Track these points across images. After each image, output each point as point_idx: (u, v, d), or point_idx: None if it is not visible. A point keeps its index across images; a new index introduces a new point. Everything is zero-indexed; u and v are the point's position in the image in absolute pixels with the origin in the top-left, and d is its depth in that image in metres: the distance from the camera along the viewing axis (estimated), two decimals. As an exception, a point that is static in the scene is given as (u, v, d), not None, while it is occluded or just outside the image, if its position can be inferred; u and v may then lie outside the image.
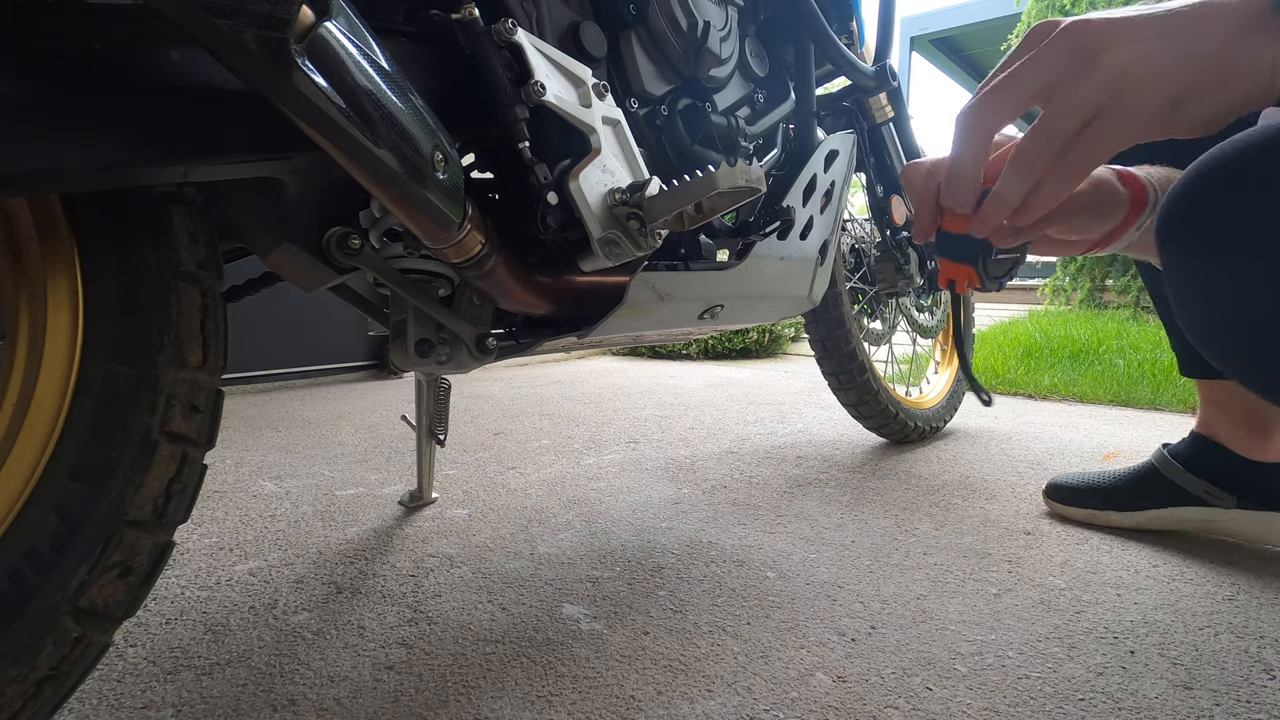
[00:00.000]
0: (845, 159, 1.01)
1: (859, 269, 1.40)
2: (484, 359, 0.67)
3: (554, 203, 0.60)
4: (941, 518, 1.02)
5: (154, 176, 0.43)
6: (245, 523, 0.99)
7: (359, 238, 0.55)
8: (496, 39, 0.57)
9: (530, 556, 0.87)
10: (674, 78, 0.78)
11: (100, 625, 0.43)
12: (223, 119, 0.44)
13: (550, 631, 0.69)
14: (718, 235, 0.85)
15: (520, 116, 0.58)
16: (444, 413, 1.02)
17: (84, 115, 0.39)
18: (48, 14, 0.37)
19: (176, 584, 0.79)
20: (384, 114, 0.44)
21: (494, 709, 0.57)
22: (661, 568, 0.84)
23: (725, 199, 0.62)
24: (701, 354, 2.98)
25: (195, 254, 0.47)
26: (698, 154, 0.77)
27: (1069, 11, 4.46)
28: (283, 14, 0.37)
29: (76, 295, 0.43)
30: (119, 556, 0.43)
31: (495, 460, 1.33)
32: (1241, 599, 0.76)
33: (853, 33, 1.13)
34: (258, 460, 1.32)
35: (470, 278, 0.59)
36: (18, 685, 0.41)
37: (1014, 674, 0.62)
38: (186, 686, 0.60)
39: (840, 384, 1.34)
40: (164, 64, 0.41)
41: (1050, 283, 5.24)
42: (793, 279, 0.94)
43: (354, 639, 0.68)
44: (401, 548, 0.90)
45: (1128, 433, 1.56)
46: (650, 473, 1.25)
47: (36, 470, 0.42)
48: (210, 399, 0.47)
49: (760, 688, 0.60)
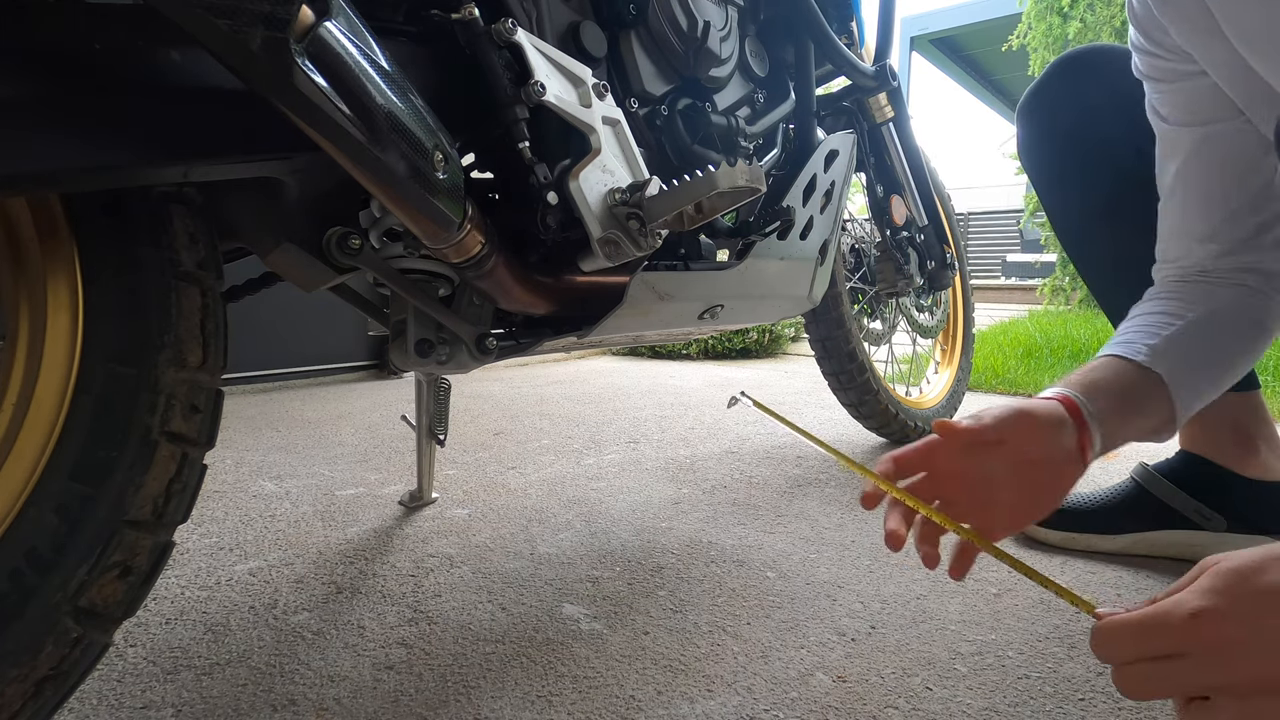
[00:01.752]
0: (845, 159, 1.01)
1: (859, 269, 1.40)
2: (484, 359, 0.67)
3: (554, 203, 0.60)
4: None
5: (154, 176, 0.43)
6: (245, 523, 0.99)
7: (359, 238, 0.55)
8: (496, 39, 0.57)
9: (530, 556, 0.87)
10: (674, 78, 0.78)
11: (100, 625, 0.43)
12: (223, 119, 0.44)
13: (550, 631, 0.69)
14: (718, 235, 0.85)
15: (520, 116, 0.58)
16: (444, 413, 1.02)
17: (84, 115, 0.39)
18: (48, 14, 0.37)
19: (176, 584, 0.79)
20: (384, 114, 0.44)
21: (494, 709, 0.57)
22: (661, 568, 0.84)
23: (725, 199, 0.62)
24: (701, 354, 2.98)
25: (195, 254, 0.47)
26: (698, 154, 0.77)
27: (1068, 13, 4.45)
28: (283, 14, 0.37)
29: (76, 295, 0.43)
30: (119, 556, 0.43)
31: (495, 460, 1.33)
32: (1241, 599, 0.76)
33: (853, 33, 1.13)
34: (258, 460, 1.32)
35: (470, 278, 0.59)
36: (18, 685, 0.41)
37: (1014, 674, 0.62)
38: (186, 686, 0.60)
39: (840, 384, 1.34)
40: (164, 64, 0.41)
41: (1050, 283, 5.24)
42: (793, 279, 0.94)
43: (354, 639, 0.68)
44: (401, 548, 0.90)
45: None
46: (650, 473, 1.25)
47: (36, 470, 0.42)
48: (210, 399, 0.47)
49: (760, 688, 0.60)
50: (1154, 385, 0.59)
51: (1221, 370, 0.64)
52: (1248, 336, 0.65)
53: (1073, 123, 0.86)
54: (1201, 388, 0.62)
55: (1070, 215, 0.93)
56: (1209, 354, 0.63)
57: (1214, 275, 0.67)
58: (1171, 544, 0.87)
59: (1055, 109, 0.89)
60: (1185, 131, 0.67)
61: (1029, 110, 0.92)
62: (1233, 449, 0.85)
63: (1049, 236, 5.15)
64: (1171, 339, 0.62)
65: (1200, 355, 0.62)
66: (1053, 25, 4.52)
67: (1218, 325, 0.64)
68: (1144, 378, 0.59)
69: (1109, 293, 0.90)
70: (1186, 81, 0.66)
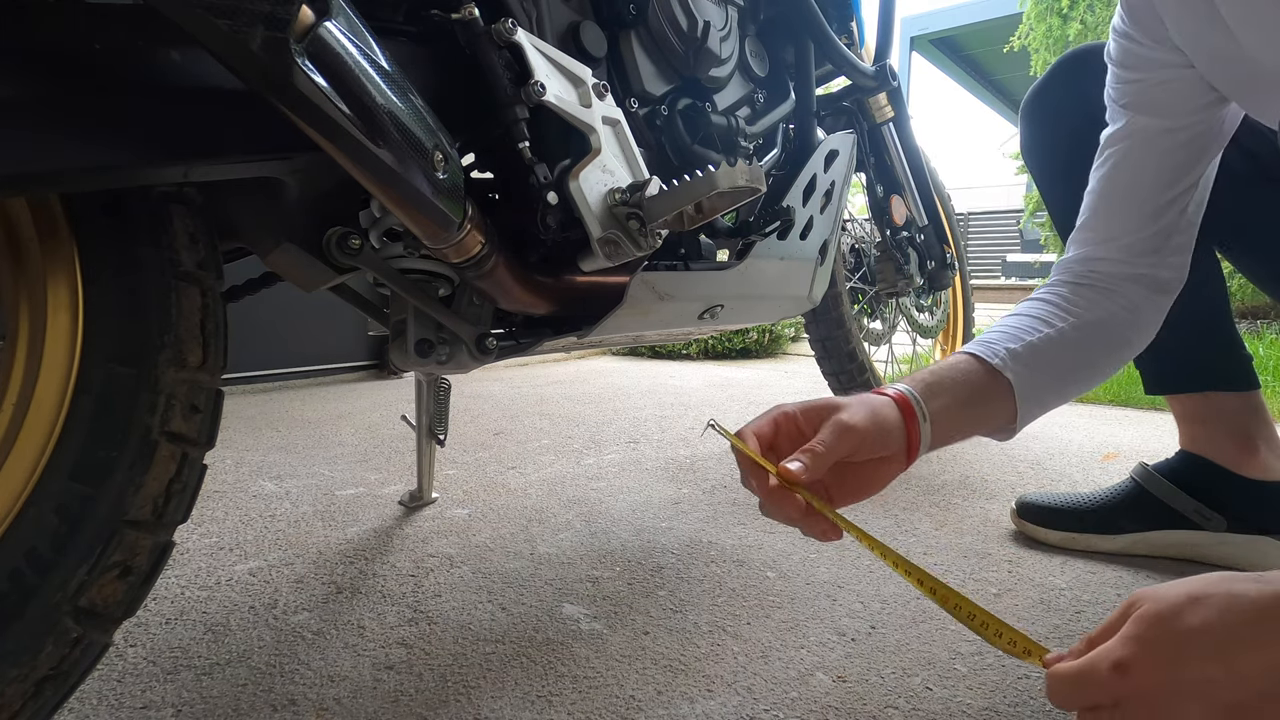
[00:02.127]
0: (845, 159, 1.01)
1: (859, 269, 1.40)
2: (484, 359, 0.67)
3: (554, 203, 0.60)
4: (941, 518, 1.02)
5: (154, 176, 0.43)
6: (245, 523, 0.99)
7: (359, 238, 0.55)
8: (496, 39, 0.57)
9: (530, 556, 0.87)
10: (674, 78, 0.78)
11: (100, 625, 0.43)
12: (223, 119, 0.44)
13: (550, 631, 0.69)
14: (718, 235, 0.85)
15: (520, 116, 0.58)
16: (444, 413, 1.02)
17: (84, 115, 0.39)
18: (48, 14, 0.37)
19: (176, 584, 0.79)
20: (384, 114, 0.44)
21: (494, 709, 0.57)
22: (661, 568, 0.84)
23: (725, 199, 0.62)
24: (701, 354, 2.98)
25: (195, 254, 0.47)
26: (698, 154, 0.77)
27: (1068, 14, 4.45)
28: (283, 14, 0.37)
29: (76, 295, 0.43)
30: (119, 556, 0.43)
31: (495, 460, 1.33)
32: (1241, 599, 0.76)
33: (853, 33, 1.13)
34: (258, 460, 1.32)
35: (470, 278, 0.59)
36: (18, 685, 0.41)
37: (1014, 674, 0.62)
38: (186, 686, 0.60)
39: (840, 384, 1.34)
40: (164, 64, 0.41)
41: (1050, 283, 5.22)
42: (793, 279, 0.94)
43: (354, 639, 0.68)
44: (401, 548, 0.90)
45: (1128, 433, 1.56)
46: (650, 473, 1.25)
47: (36, 470, 0.42)
48: (210, 399, 0.47)
49: (760, 688, 0.60)
50: (1002, 390, 0.61)
51: (1074, 386, 0.66)
52: (1111, 357, 0.68)
53: (1076, 122, 0.86)
54: (1047, 400, 0.64)
55: (1073, 214, 0.93)
56: (1066, 370, 0.65)
57: (1103, 283, 0.68)
58: (1171, 544, 0.87)
59: (1059, 108, 0.89)
60: (1127, 126, 0.68)
61: (1032, 110, 0.92)
62: (1233, 449, 0.85)
63: (1049, 236, 5.14)
64: (1034, 346, 0.63)
65: (1056, 369, 0.64)
66: (1053, 26, 4.52)
67: (1084, 343, 0.66)
68: (993, 381, 0.61)
69: None
70: (1157, 73, 0.66)
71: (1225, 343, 0.87)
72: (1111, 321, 0.67)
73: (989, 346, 0.63)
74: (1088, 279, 0.69)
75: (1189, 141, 0.66)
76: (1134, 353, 0.70)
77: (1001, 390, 0.61)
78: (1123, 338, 0.68)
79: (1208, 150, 0.67)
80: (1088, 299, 0.68)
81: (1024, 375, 0.62)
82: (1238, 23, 0.57)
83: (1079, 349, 0.66)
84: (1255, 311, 3.68)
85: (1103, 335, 0.67)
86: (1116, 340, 0.68)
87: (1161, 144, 0.67)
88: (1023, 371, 0.62)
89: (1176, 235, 0.68)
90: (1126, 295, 0.67)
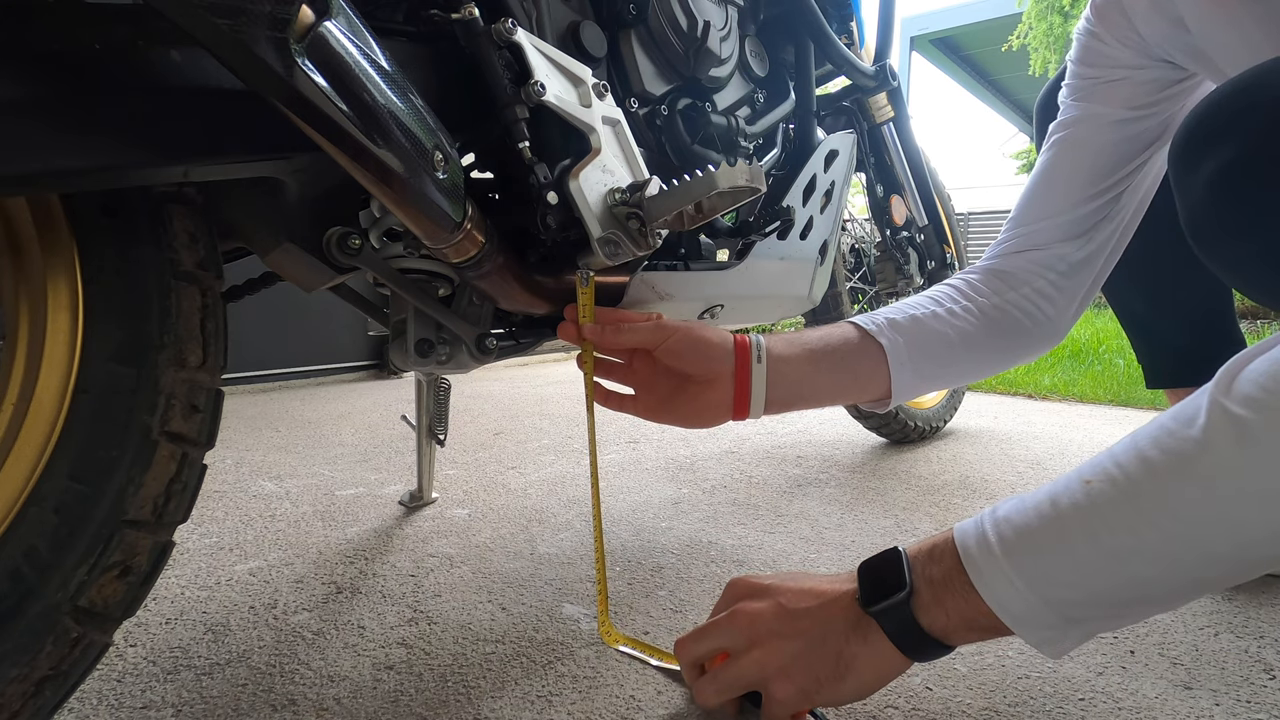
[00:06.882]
0: (845, 159, 1.01)
1: (859, 269, 1.40)
2: (484, 359, 0.67)
3: (554, 203, 0.60)
4: (941, 518, 1.02)
5: (154, 176, 0.43)
6: (245, 523, 0.99)
7: (359, 238, 0.55)
8: (496, 39, 0.57)
9: (530, 556, 0.87)
10: (674, 77, 0.78)
11: (100, 625, 0.43)
12: (223, 119, 0.44)
13: (550, 631, 0.69)
14: (718, 235, 0.85)
15: (520, 116, 0.58)
16: (444, 413, 1.02)
17: (84, 115, 0.39)
18: (48, 14, 0.37)
19: (176, 584, 0.79)
20: (384, 114, 0.44)
21: (494, 709, 0.57)
22: (661, 568, 0.84)
23: (725, 199, 0.62)
24: (701, 354, 2.98)
25: (195, 254, 0.47)
26: (698, 154, 0.77)
27: (1069, 13, 4.46)
28: (283, 14, 0.37)
29: (76, 295, 0.43)
30: (119, 556, 0.43)
31: (495, 460, 1.33)
32: (1241, 599, 0.76)
33: (853, 33, 1.12)
34: (258, 460, 1.32)
35: (470, 278, 0.59)
36: (18, 685, 0.41)
37: (1014, 674, 0.62)
38: (186, 686, 0.60)
39: (840, 384, 1.34)
40: (164, 64, 0.41)
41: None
42: (793, 279, 0.94)
43: (354, 639, 0.68)
44: (401, 548, 0.90)
45: (1128, 432, 1.56)
46: (650, 473, 1.25)
47: (36, 470, 0.42)
48: (210, 399, 0.47)
49: (760, 688, 0.60)
50: (874, 355, 0.64)
51: (960, 366, 0.68)
52: (1005, 344, 0.70)
53: None
54: (927, 372, 0.66)
55: None
56: (949, 346, 0.66)
57: (1012, 270, 0.69)
58: None
59: None
60: (1078, 115, 0.69)
61: (1047, 107, 0.92)
62: None
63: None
64: (917, 319, 0.65)
65: (939, 343, 0.66)
66: (1053, 25, 4.52)
67: (975, 325, 0.67)
68: (867, 346, 0.64)
69: (1120, 291, 0.90)
70: (1117, 70, 0.67)
71: (1227, 338, 0.87)
72: (1009, 308, 0.68)
73: (871, 317, 0.66)
74: (998, 266, 0.71)
75: (1139, 134, 0.67)
76: (1034, 344, 0.71)
77: (873, 355, 0.63)
78: (1018, 326, 0.69)
79: (1157, 142, 0.68)
80: (992, 286, 0.70)
81: (899, 343, 0.63)
82: (1204, 41, 0.58)
83: (967, 330, 0.67)
84: (1256, 312, 3.69)
85: (997, 321, 0.68)
86: (1010, 328, 0.69)
87: (1110, 133, 0.67)
88: (898, 340, 0.64)
89: (1105, 223, 0.69)
90: (1033, 284, 0.69)
